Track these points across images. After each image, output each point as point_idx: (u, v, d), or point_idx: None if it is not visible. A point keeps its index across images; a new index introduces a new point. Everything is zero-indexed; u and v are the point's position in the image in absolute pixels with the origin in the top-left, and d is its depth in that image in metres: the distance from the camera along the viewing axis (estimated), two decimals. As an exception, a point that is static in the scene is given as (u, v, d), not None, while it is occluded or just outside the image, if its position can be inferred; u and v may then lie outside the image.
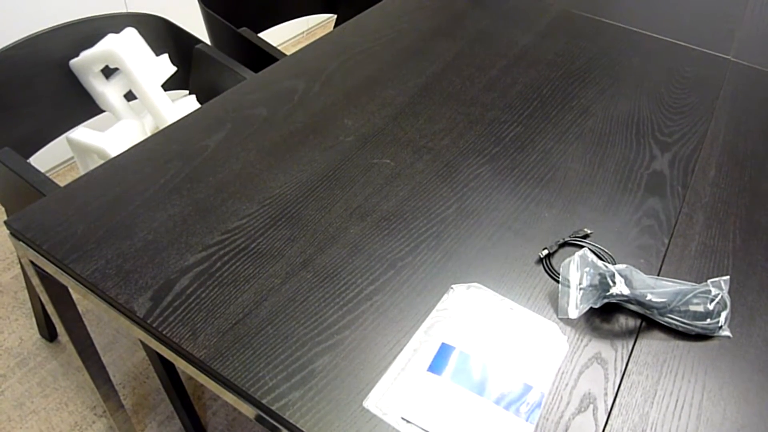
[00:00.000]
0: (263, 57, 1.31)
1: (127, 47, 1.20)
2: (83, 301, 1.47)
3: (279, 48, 1.36)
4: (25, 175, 0.94)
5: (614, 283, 0.65)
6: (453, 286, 0.69)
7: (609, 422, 0.58)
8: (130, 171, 0.81)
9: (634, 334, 0.67)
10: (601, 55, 1.18)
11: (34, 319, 1.45)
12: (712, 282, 0.67)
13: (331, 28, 1.34)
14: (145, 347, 1.13)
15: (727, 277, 0.68)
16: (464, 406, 0.57)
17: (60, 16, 1.16)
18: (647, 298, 0.65)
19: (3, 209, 1.54)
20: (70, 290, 0.81)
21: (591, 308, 0.66)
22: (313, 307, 0.66)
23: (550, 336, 0.65)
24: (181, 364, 0.64)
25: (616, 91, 1.08)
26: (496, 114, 0.99)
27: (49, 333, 1.39)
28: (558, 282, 0.70)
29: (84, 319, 0.94)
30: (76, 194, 0.79)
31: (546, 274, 0.72)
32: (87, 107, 1.25)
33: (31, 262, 0.75)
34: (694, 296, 0.66)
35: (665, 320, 0.66)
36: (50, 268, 0.71)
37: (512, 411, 0.57)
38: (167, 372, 0.87)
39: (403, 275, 0.71)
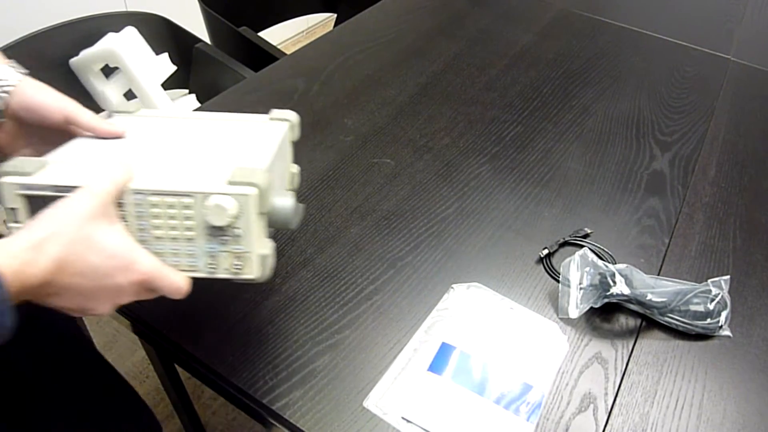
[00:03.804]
0: (263, 56, 1.31)
1: (127, 46, 1.20)
2: (83, 300, 1.46)
3: (279, 47, 1.36)
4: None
5: (614, 282, 0.65)
6: (453, 285, 0.69)
7: (609, 422, 0.58)
8: (130, 170, 0.81)
9: (635, 333, 0.67)
10: (601, 55, 1.18)
11: (33, 319, 1.44)
12: (712, 282, 0.67)
13: (331, 28, 1.34)
14: (145, 346, 1.13)
15: (728, 276, 0.68)
16: (465, 406, 0.57)
17: (60, 15, 1.16)
18: (647, 298, 0.65)
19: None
20: (70, 289, 0.81)
21: (591, 308, 0.66)
22: (313, 307, 0.66)
23: (551, 336, 0.65)
24: (181, 364, 0.64)
25: (616, 90, 1.08)
26: (496, 113, 0.99)
27: (48, 332, 1.38)
28: (558, 282, 0.70)
29: (83, 318, 0.94)
30: (76, 193, 0.79)
31: (546, 274, 0.72)
32: (87, 106, 1.24)
33: (31, 262, 0.75)
34: (695, 296, 0.66)
35: (665, 320, 0.66)
36: (50, 268, 0.71)
37: (512, 411, 0.57)
38: (167, 371, 0.87)
39: (403, 275, 0.71)
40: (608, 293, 0.65)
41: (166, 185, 0.45)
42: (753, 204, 0.86)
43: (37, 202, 0.45)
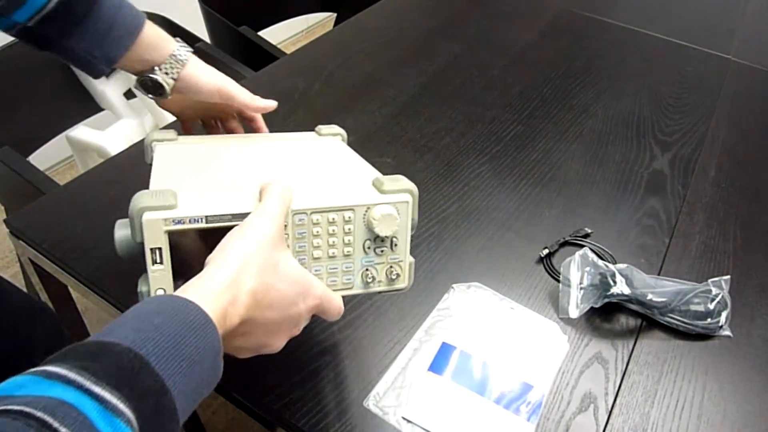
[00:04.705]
0: (263, 55, 1.30)
1: (127, 46, 1.20)
2: (83, 299, 1.47)
3: (278, 47, 1.36)
4: (25, 174, 0.94)
5: (615, 282, 0.65)
6: (453, 285, 0.69)
7: (610, 422, 0.58)
8: (130, 170, 0.81)
9: (635, 333, 0.67)
10: (601, 55, 1.18)
11: (33, 318, 1.44)
12: (712, 281, 0.67)
13: (331, 27, 1.34)
14: (145, 346, 1.14)
15: (728, 276, 0.68)
16: (465, 406, 0.57)
17: (59, 15, 1.16)
18: (648, 298, 0.65)
19: (2, 208, 1.54)
20: (70, 289, 0.81)
21: (592, 308, 0.66)
22: (313, 307, 0.66)
23: (551, 335, 0.65)
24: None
25: (616, 90, 1.08)
26: (497, 113, 0.99)
27: (48, 332, 1.38)
28: (559, 281, 0.70)
29: (84, 318, 0.94)
30: (76, 193, 0.79)
31: (546, 274, 0.72)
32: (87, 105, 1.25)
33: (31, 261, 0.75)
34: (695, 296, 0.66)
35: (666, 320, 0.66)
36: (50, 267, 0.71)
37: (513, 410, 0.57)
38: (167, 371, 0.88)
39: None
40: (609, 293, 0.65)
41: (326, 202, 0.45)
42: (753, 204, 0.86)
43: (182, 238, 0.42)
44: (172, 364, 0.30)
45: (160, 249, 0.41)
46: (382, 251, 0.47)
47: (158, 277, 0.42)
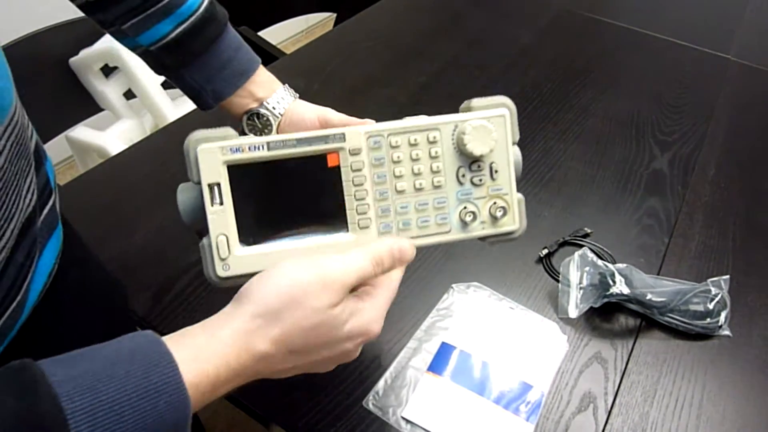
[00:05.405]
0: (263, 55, 1.30)
1: (127, 46, 1.20)
2: (82, 299, 1.46)
3: (278, 47, 1.36)
4: (25, 174, 0.94)
5: (614, 282, 0.65)
6: (453, 285, 0.69)
7: (609, 422, 0.58)
8: (131, 170, 0.81)
9: (634, 333, 0.67)
10: (601, 55, 1.18)
11: (33, 318, 1.44)
12: (711, 281, 0.67)
13: (331, 27, 1.34)
14: (145, 346, 1.13)
15: (727, 276, 0.68)
16: (465, 406, 0.57)
17: (60, 14, 1.16)
18: (647, 298, 0.65)
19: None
20: (70, 289, 0.81)
21: (591, 308, 0.66)
22: (313, 307, 0.66)
23: (550, 335, 0.65)
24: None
25: (616, 90, 1.08)
26: (496, 113, 0.99)
27: (48, 332, 1.38)
28: (558, 281, 0.70)
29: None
30: (76, 193, 0.79)
31: (546, 274, 0.72)
32: (86, 106, 1.25)
33: (31, 261, 0.75)
34: (694, 296, 0.66)
35: (665, 320, 0.66)
36: (50, 267, 0.71)
37: (512, 410, 0.57)
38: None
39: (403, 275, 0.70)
40: (608, 293, 0.65)
41: (405, 122, 0.39)
42: (753, 204, 0.86)
43: (242, 175, 0.37)
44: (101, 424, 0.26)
45: (218, 185, 0.36)
46: (480, 180, 0.41)
47: (217, 219, 0.37)
